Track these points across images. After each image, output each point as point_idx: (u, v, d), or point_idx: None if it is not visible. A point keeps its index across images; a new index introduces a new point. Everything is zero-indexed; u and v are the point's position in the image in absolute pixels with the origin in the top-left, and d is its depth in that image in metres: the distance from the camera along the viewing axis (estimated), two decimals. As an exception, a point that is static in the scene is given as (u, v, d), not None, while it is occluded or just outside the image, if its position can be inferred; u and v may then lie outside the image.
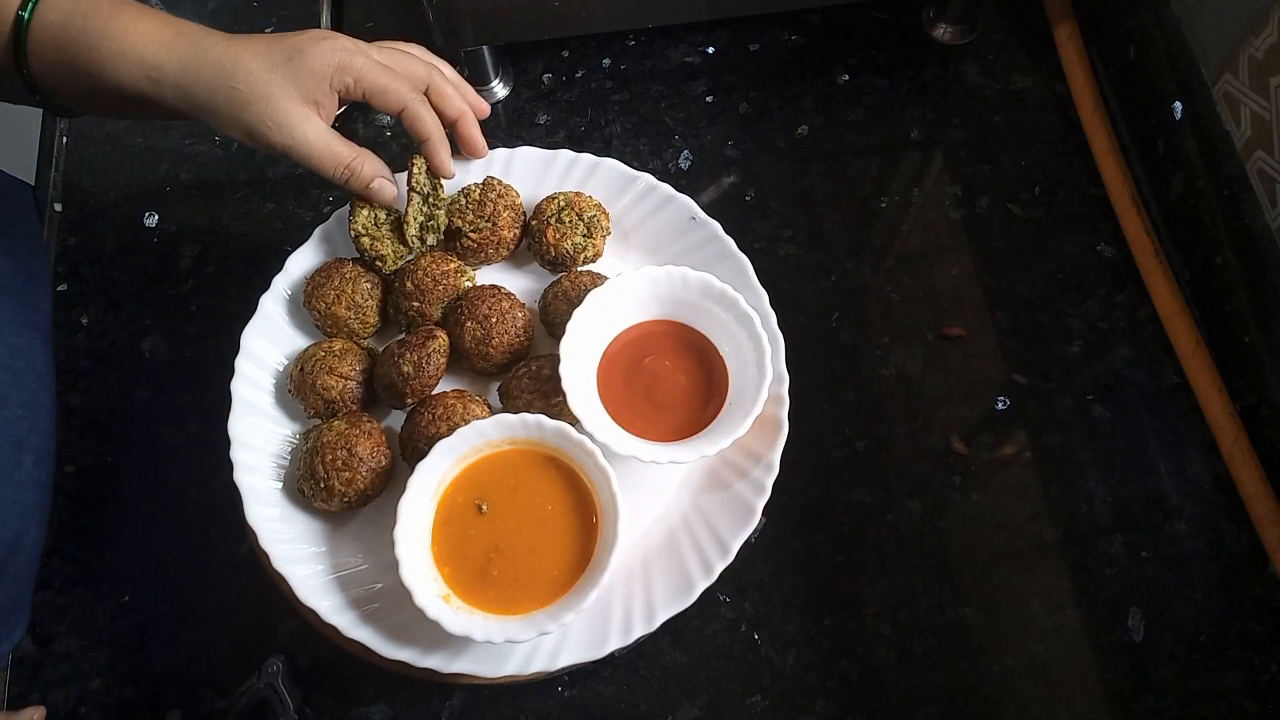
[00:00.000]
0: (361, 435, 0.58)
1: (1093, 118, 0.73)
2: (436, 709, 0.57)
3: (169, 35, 0.54)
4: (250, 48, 0.54)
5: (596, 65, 0.79)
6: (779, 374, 0.60)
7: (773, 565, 0.60)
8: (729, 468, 0.59)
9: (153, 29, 0.53)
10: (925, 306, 0.68)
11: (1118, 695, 0.57)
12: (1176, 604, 0.59)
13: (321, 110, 0.56)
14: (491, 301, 0.61)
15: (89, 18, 0.53)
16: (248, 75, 0.54)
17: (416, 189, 0.61)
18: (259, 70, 0.54)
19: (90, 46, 0.53)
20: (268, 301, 0.63)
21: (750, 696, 0.57)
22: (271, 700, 0.55)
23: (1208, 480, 0.62)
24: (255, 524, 0.57)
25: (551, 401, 0.58)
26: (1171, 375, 0.65)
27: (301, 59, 0.54)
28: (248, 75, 0.54)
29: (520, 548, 0.55)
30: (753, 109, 0.76)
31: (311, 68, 0.55)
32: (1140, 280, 0.68)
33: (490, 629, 0.52)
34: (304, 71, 0.54)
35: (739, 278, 0.63)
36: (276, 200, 0.74)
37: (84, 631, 0.60)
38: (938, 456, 0.63)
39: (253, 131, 0.55)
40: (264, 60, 0.54)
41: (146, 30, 0.53)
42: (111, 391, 0.67)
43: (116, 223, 0.74)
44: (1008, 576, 0.60)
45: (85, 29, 0.53)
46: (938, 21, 0.79)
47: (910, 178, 0.74)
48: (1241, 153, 0.63)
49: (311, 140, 0.56)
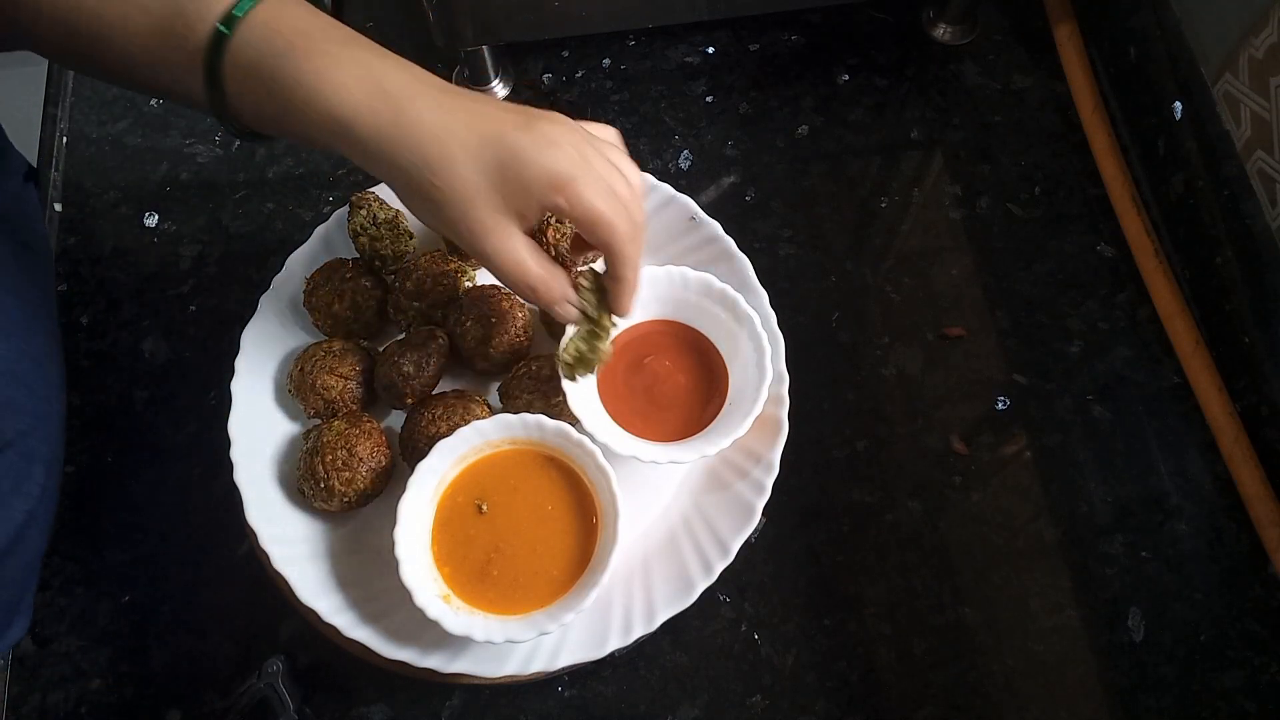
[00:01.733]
0: (361, 435, 0.58)
1: (1093, 118, 0.73)
2: (436, 709, 0.57)
3: (364, 94, 0.46)
4: (459, 136, 0.46)
5: (596, 65, 0.79)
6: (779, 374, 0.60)
7: (773, 565, 0.60)
8: (729, 468, 0.59)
9: (349, 82, 0.46)
10: (925, 306, 0.68)
11: (1118, 695, 0.57)
12: (1176, 604, 0.59)
13: (524, 221, 0.49)
14: (491, 301, 0.61)
15: (283, 59, 0.46)
16: (451, 174, 0.46)
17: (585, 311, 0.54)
18: (465, 172, 0.46)
19: (282, 91, 0.46)
20: (268, 301, 0.63)
21: (750, 696, 0.57)
22: (271, 700, 0.55)
23: (1208, 480, 0.62)
24: (255, 524, 0.57)
25: (551, 401, 0.58)
26: (1171, 375, 0.65)
27: (518, 168, 0.46)
28: (451, 174, 0.46)
29: (520, 548, 0.55)
30: (753, 109, 0.76)
31: (525, 182, 0.46)
32: (1140, 280, 0.68)
33: (490, 629, 0.52)
34: (516, 185, 0.46)
35: (739, 278, 0.63)
36: (276, 200, 0.74)
37: (84, 631, 0.60)
38: (938, 456, 0.63)
39: (444, 226, 0.49)
40: (474, 160, 0.46)
41: (342, 83, 0.46)
42: (111, 391, 0.67)
43: (116, 223, 0.74)
44: (1008, 576, 0.60)
45: (275, 73, 0.46)
46: (938, 21, 0.79)
47: (910, 178, 0.74)
48: (1241, 153, 0.63)
49: (505, 257, 0.49)
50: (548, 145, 0.46)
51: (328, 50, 0.46)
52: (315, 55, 0.46)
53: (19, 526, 0.51)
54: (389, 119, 0.46)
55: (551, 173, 0.46)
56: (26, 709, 0.58)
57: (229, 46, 0.46)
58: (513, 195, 0.47)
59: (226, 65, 0.46)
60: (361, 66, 0.46)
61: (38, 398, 0.54)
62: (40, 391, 0.54)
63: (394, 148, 0.46)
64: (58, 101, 0.78)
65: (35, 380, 0.54)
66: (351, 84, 0.46)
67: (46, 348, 0.56)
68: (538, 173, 0.46)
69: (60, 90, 0.79)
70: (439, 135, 0.46)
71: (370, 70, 0.46)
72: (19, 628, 0.55)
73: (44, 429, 0.54)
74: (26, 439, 0.52)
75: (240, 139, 0.52)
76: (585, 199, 0.47)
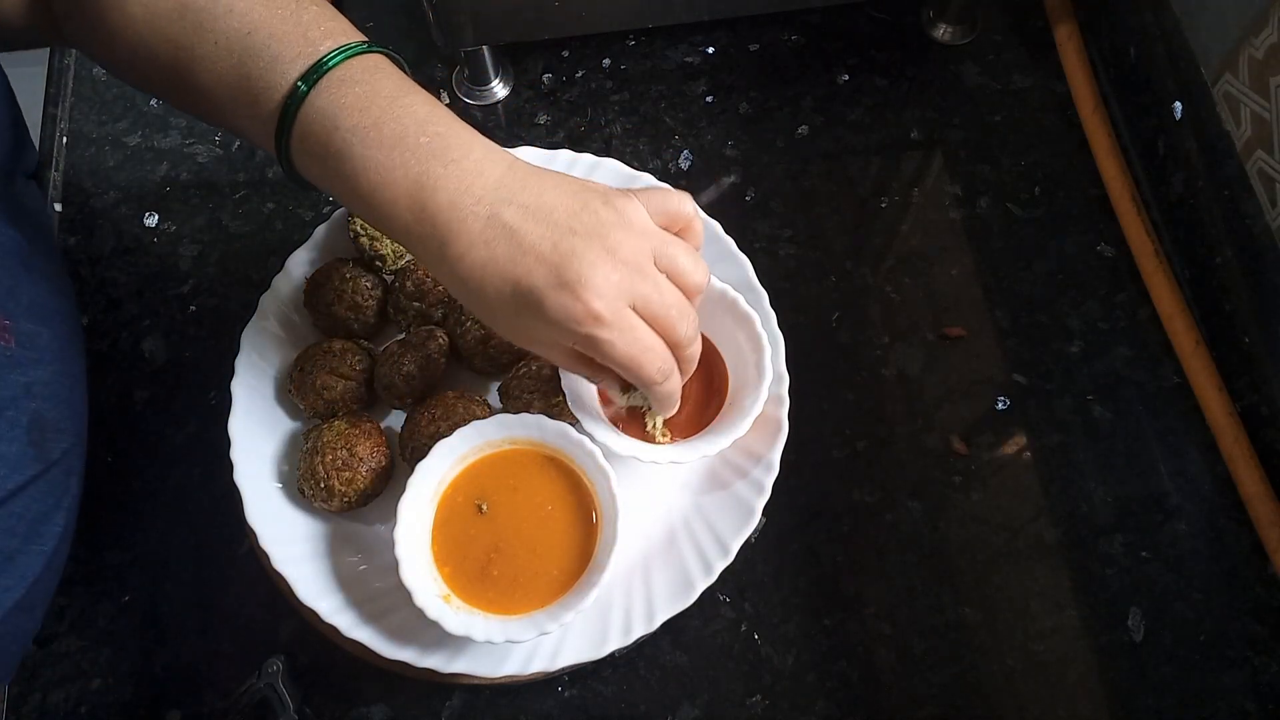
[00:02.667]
0: (361, 435, 0.58)
1: (1093, 118, 0.73)
2: (436, 709, 0.57)
3: (412, 217, 0.46)
4: (493, 284, 0.45)
5: (596, 65, 0.79)
6: (779, 374, 0.60)
7: (773, 565, 0.60)
8: (729, 468, 0.59)
9: (399, 199, 0.46)
10: (925, 306, 0.68)
11: (1118, 695, 0.57)
12: (1176, 604, 0.59)
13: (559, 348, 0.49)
14: (491, 301, 0.61)
15: (351, 136, 0.46)
16: (489, 316, 0.48)
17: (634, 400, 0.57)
18: (502, 319, 0.47)
19: (347, 172, 0.46)
20: (268, 301, 0.63)
21: (750, 696, 0.57)
22: (271, 700, 0.55)
23: (1208, 480, 0.62)
24: (255, 524, 0.57)
25: (551, 401, 0.58)
26: (1171, 375, 0.65)
27: (545, 324, 0.46)
28: (489, 316, 0.48)
29: (520, 548, 0.55)
30: (753, 109, 0.76)
31: (555, 336, 0.47)
32: (1140, 280, 0.68)
33: (490, 629, 0.52)
34: (545, 335, 0.47)
35: (739, 278, 0.63)
36: (276, 200, 0.74)
37: (84, 631, 0.60)
38: (938, 456, 0.63)
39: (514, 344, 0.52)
40: (508, 309, 0.46)
41: (393, 199, 0.46)
42: (111, 391, 0.67)
43: (116, 223, 0.74)
44: (1008, 576, 0.60)
45: (344, 152, 0.46)
46: (938, 21, 0.78)
47: (910, 178, 0.74)
48: (1241, 153, 0.63)
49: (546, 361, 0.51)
50: (578, 299, 0.45)
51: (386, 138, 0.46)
52: (379, 145, 0.45)
53: (57, 539, 0.52)
54: (434, 250, 0.46)
55: (580, 332, 0.45)
56: (26, 709, 0.58)
57: (299, 117, 0.47)
58: (543, 341, 0.48)
59: (295, 135, 0.47)
60: (411, 179, 0.45)
61: (77, 415, 0.56)
62: (78, 409, 0.56)
63: (436, 273, 0.49)
64: (58, 101, 0.78)
65: (76, 398, 0.56)
66: (401, 201, 0.46)
67: (80, 365, 0.58)
68: (568, 331, 0.46)
69: (60, 90, 0.79)
70: (476, 279, 0.45)
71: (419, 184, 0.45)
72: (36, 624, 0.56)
73: (80, 445, 0.56)
74: (68, 455, 0.53)
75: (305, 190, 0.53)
76: (613, 354, 0.46)
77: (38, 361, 0.52)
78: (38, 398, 0.51)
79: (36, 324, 0.53)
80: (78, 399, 0.56)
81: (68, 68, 0.80)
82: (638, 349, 0.47)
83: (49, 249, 0.59)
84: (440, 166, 0.46)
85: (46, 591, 0.54)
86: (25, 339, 0.51)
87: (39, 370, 0.52)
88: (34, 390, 0.51)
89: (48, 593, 0.54)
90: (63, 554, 0.54)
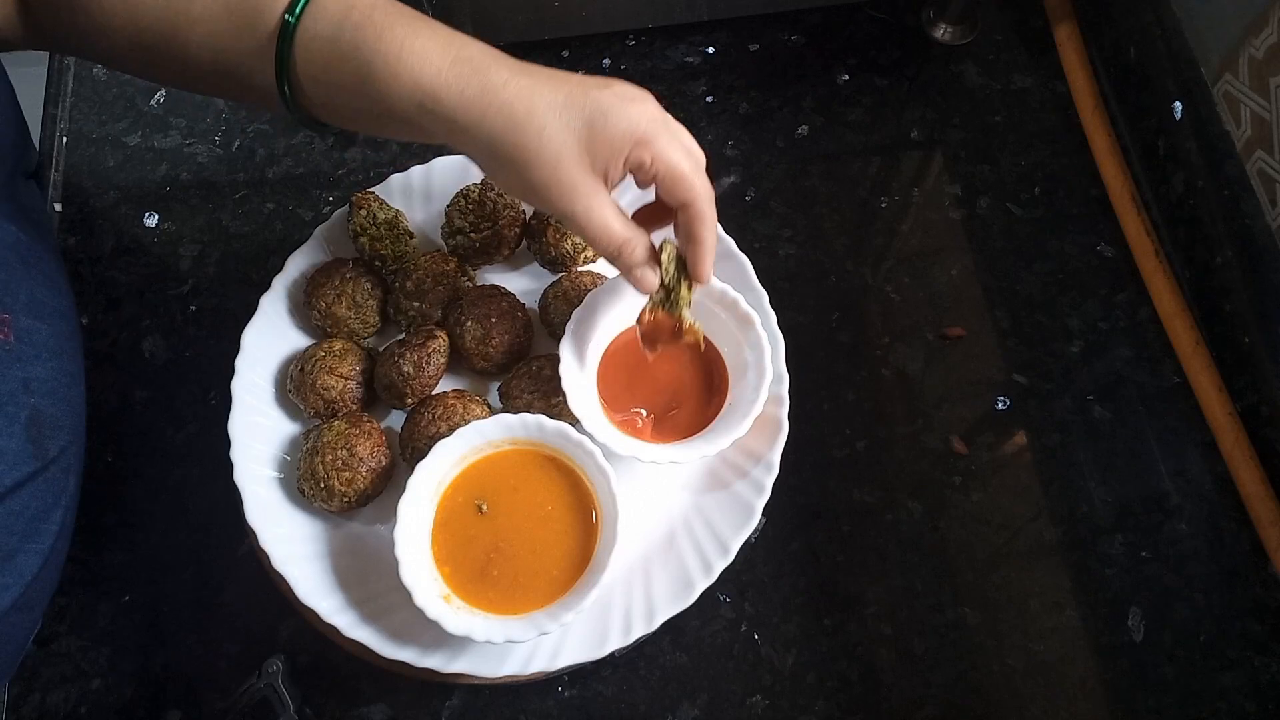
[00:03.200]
0: (361, 435, 0.58)
1: (1093, 118, 0.73)
2: (436, 709, 0.57)
3: (449, 60, 0.46)
4: (546, 96, 0.47)
5: (596, 65, 0.78)
6: (779, 374, 0.60)
7: (773, 565, 0.60)
8: (729, 468, 0.59)
9: (431, 49, 0.46)
10: (925, 306, 0.68)
11: (1118, 695, 0.57)
12: (1176, 604, 0.59)
13: (609, 182, 0.49)
14: (491, 301, 0.61)
15: (361, 30, 0.47)
16: (540, 133, 0.47)
17: (662, 281, 0.54)
18: (554, 129, 0.47)
19: (361, 63, 0.47)
20: (268, 301, 0.63)
21: (750, 696, 0.57)
22: (271, 700, 0.55)
23: (1208, 480, 0.62)
24: (255, 524, 0.57)
25: (551, 401, 0.58)
26: (1171, 375, 0.65)
27: (604, 125, 0.47)
28: (540, 133, 0.47)
29: (520, 548, 0.55)
30: (753, 109, 0.76)
31: (611, 137, 0.47)
32: (1140, 280, 0.68)
33: (490, 629, 0.52)
34: (602, 139, 0.47)
35: (739, 278, 0.63)
36: (276, 200, 0.74)
37: (84, 631, 0.60)
38: (938, 456, 0.63)
39: (531, 193, 0.49)
40: (561, 118, 0.47)
41: (423, 50, 0.46)
42: (111, 391, 0.67)
43: (116, 223, 0.74)
44: (1008, 576, 0.60)
45: (357, 44, 0.47)
46: (938, 21, 0.78)
47: (910, 178, 0.74)
48: (1241, 153, 0.63)
49: (594, 217, 0.49)
50: (630, 101, 0.48)
51: (404, 23, 0.47)
52: (394, 26, 0.46)
53: (55, 537, 0.52)
54: (475, 83, 0.46)
55: (636, 128, 0.47)
56: (26, 709, 0.58)
57: (304, 24, 0.47)
58: (600, 152, 0.47)
59: (299, 46, 0.47)
60: (437, 37, 0.47)
61: (75, 413, 0.55)
62: (76, 406, 0.56)
63: (482, 111, 0.46)
64: (58, 101, 0.78)
65: (74, 395, 0.56)
66: (434, 54, 0.46)
67: (78, 362, 0.58)
68: (626, 128, 0.47)
69: (60, 90, 0.79)
70: (525, 95, 0.46)
71: (447, 41, 0.47)
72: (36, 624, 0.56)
73: (79, 441, 0.56)
74: (66, 453, 0.53)
75: (307, 129, 0.53)
76: (668, 155, 0.48)
77: (36, 358, 0.52)
78: (36, 394, 0.51)
79: (35, 320, 0.53)
80: (76, 397, 0.56)
81: (68, 68, 0.80)
82: (687, 154, 0.49)
83: (49, 247, 0.59)
84: (465, 36, 0.48)
85: (45, 591, 0.54)
86: (24, 334, 0.51)
87: (37, 366, 0.52)
88: (32, 386, 0.51)
89: (47, 592, 0.54)
90: (61, 553, 0.54)
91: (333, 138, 0.76)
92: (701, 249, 0.52)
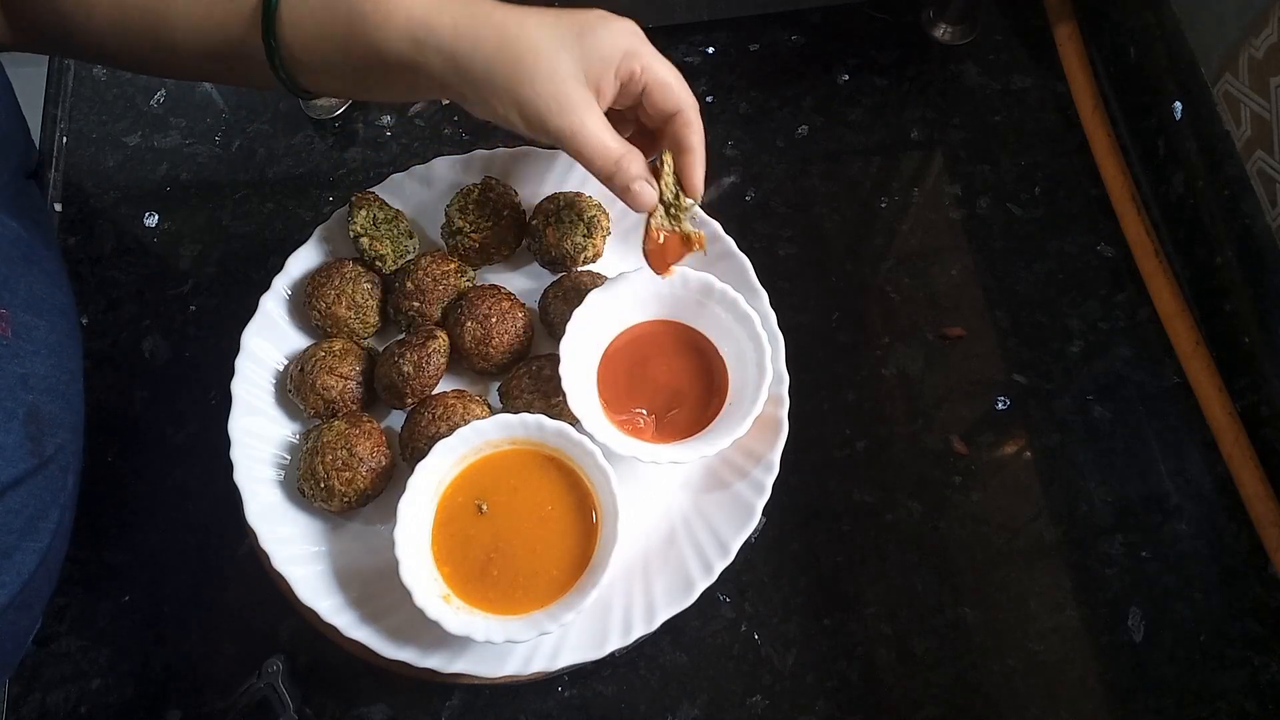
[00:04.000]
0: (361, 435, 0.58)
1: (1093, 118, 0.73)
2: (436, 709, 0.57)
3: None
4: (534, 18, 0.49)
5: (596, 65, 0.78)
6: (779, 374, 0.60)
7: (773, 565, 0.60)
8: (729, 468, 0.59)
9: None
10: (925, 306, 0.68)
11: (1118, 695, 0.57)
12: (1176, 604, 0.59)
13: (602, 98, 0.51)
14: (491, 301, 0.61)
15: None
16: (534, 48, 0.48)
17: (662, 197, 0.56)
18: (547, 44, 0.49)
19: (351, 5, 0.48)
20: (268, 301, 0.63)
21: (750, 696, 0.57)
22: (271, 700, 0.55)
23: (1208, 480, 0.62)
24: (255, 524, 0.57)
25: (551, 401, 0.58)
26: (1171, 375, 0.65)
27: (594, 37, 0.50)
28: (534, 48, 0.48)
29: (520, 548, 0.55)
30: (753, 109, 0.76)
31: (602, 50, 0.50)
32: (1140, 280, 0.68)
33: (490, 629, 0.52)
34: (594, 53, 0.50)
35: (739, 278, 0.63)
36: (276, 200, 0.74)
37: (84, 631, 0.60)
38: (938, 456, 0.63)
39: (528, 111, 0.49)
40: (552, 34, 0.49)
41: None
42: (111, 391, 0.67)
43: (116, 223, 0.74)
44: (1008, 576, 0.60)
45: None
46: (938, 21, 0.78)
47: (910, 178, 0.74)
48: (1241, 153, 0.63)
49: (588, 131, 0.50)
50: (615, 19, 0.51)
51: None
52: None
53: (53, 536, 0.52)
54: (465, 12, 0.48)
55: (625, 41, 0.51)
56: (26, 709, 0.58)
57: None
58: (593, 66, 0.50)
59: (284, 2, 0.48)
60: None
61: (74, 411, 0.56)
62: (75, 405, 0.56)
63: (475, 34, 0.48)
64: (58, 101, 0.78)
65: (73, 394, 0.56)
66: None
67: (77, 360, 0.58)
68: (615, 40, 0.50)
69: (60, 90, 0.79)
70: (516, 18, 0.49)
71: None
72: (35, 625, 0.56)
73: (76, 440, 0.56)
74: (64, 451, 0.53)
75: (296, 95, 0.54)
76: (656, 64, 0.52)
77: (35, 354, 0.52)
78: (34, 390, 0.51)
79: (34, 316, 0.53)
80: (74, 395, 0.56)
81: (67, 68, 0.80)
82: (670, 68, 0.52)
83: (49, 245, 0.59)
84: None
85: (44, 590, 0.54)
86: (22, 330, 0.51)
87: (36, 363, 0.52)
88: (30, 383, 0.51)
89: (45, 591, 0.54)
90: (59, 552, 0.54)
91: (332, 138, 0.76)
92: (693, 156, 0.55)
